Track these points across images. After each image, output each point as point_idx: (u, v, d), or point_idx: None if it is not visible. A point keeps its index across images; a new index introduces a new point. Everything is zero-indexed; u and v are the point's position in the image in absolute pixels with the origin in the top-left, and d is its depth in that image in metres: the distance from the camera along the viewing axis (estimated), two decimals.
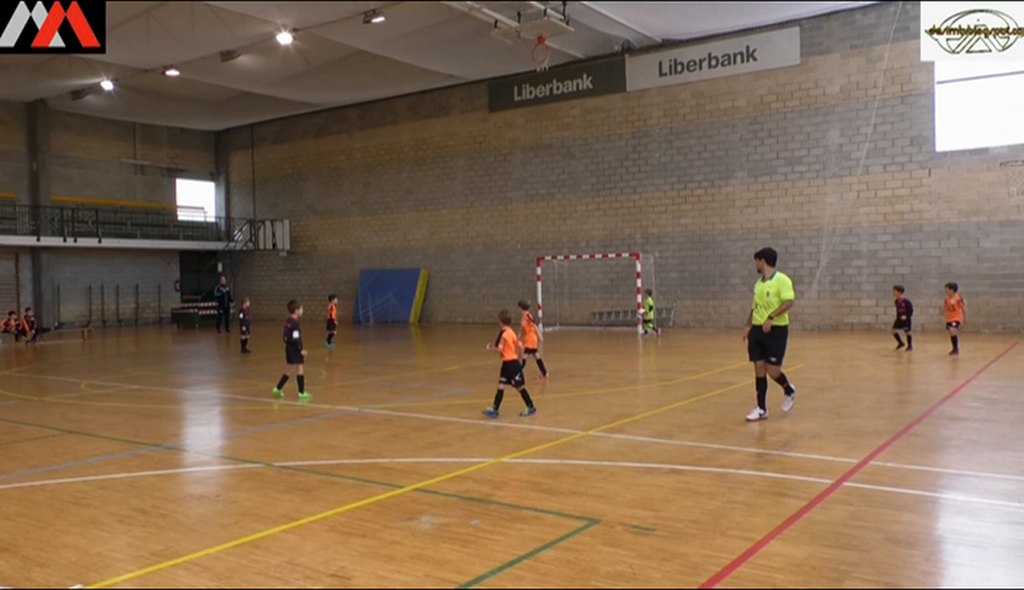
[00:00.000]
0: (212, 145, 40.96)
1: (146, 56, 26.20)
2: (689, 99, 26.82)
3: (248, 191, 40.00)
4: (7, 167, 32.95)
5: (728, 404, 11.00)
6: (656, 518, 5.89)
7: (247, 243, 38.21)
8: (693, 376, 14.21)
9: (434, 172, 33.10)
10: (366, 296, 33.87)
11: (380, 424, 10.12)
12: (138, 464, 8.21)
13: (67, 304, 34.15)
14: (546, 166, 30.08)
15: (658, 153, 27.53)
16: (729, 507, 6.19)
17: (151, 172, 38.36)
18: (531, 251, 29.93)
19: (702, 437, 8.84)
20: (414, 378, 15.22)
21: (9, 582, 4.88)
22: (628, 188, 28.22)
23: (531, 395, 10.65)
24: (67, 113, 34.21)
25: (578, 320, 28.53)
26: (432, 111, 33.05)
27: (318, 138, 37.01)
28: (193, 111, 35.49)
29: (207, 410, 12.42)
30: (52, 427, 10.40)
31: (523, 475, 7.32)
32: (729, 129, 26.14)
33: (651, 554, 5.15)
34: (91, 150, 35.87)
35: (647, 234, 27.79)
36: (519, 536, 5.56)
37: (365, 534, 5.66)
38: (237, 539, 5.62)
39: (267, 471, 7.69)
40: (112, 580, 4.92)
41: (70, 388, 14.55)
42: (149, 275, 37.13)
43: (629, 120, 28.10)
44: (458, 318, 31.98)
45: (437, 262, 33.05)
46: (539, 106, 30.07)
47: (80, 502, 6.71)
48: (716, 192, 26.45)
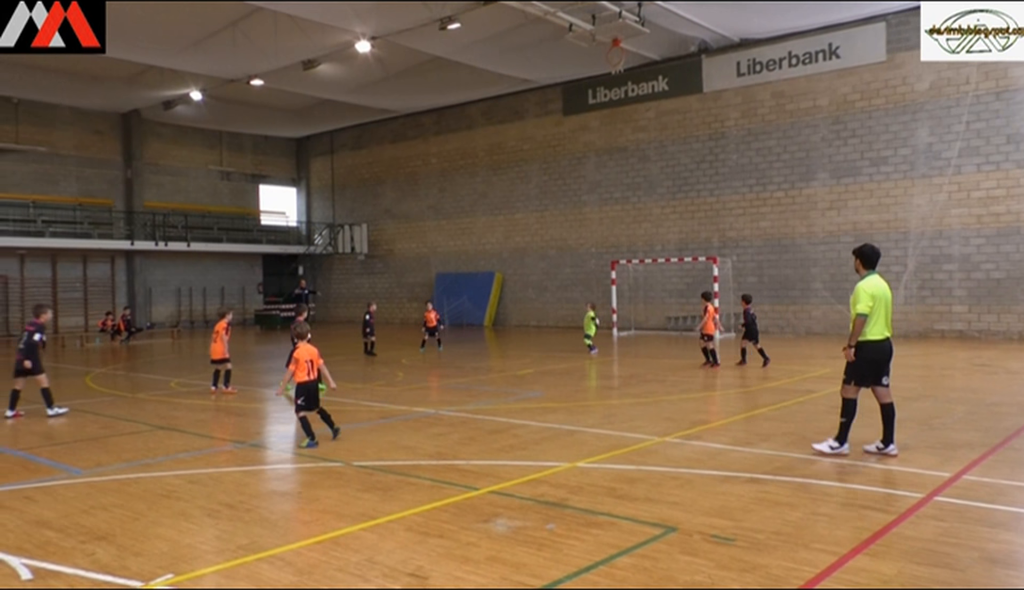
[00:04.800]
0: (293, 152, 42.14)
1: (232, 67, 27.17)
2: (768, 99, 26.24)
3: (328, 196, 40.99)
4: (105, 175, 34.64)
5: (810, 413, 10.70)
6: (736, 528, 5.77)
7: (327, 247, 39.16)
8: (773, 383, 13.87)
9: (508, 176, 33.26)
10: (441, 299, 34.25)
11: (456, 426, 10.22)
12: (224, 460, 8.49)
13: (158, 305, 35.65)
14: (621, 169, 29.87)
15: (736, 155, 27.01)
16: (812, 519, 6.02)
17: (236, 178, 39.73)
18: (605, 255, 29.76)
19: (783, 446, 8.62)
20: (489, 381, 15.31)
21: (106, 569, 5.11)
22: (705, 191, 27.78)
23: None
24: (159, 123, 35.75)
25: (653, 324, 28.21)
26: (507, 116, 33.24)
27: (395, 144, 37.65)
28: (276, 119, 36.62)
29: (288, 409, 12.73)
30: (144, 423, 10.85)
31: (598, 480, 7.27)
32: (810, 129, 25.45)
33: (731, 565, 5.04)
34: (181, 158, 37.39)
35: (724, 237, 27.29)
36: (595, 541, 5.52)
37: (442, 535, 5.72)
38: (318, 536, 5.75)
39: (346, 470, 7.85)
40: (200, 571, 5.10)
41: (161, 386, 15.17)
42: (234, 278, 38.46)
43: (706, 122, 27.67)
44: (532, 322, 32.03)
45: (511, 266, 33.18)
46: (614, 109, 29.89)
47: (171, 495, 6.99)
48: (797, 194, 25.79)
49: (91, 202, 33.97)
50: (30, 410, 11.83)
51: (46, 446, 9.34)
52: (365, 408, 12.02)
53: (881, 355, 8.06)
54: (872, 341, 8.01)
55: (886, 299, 8.08)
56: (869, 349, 8.02)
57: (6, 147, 31.64)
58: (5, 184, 31.56)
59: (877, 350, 8.04)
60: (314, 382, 9.21)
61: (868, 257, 8.25)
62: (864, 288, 7.99)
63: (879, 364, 8.05)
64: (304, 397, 9.11)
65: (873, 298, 7.93)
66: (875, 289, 7.99)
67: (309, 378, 9.14)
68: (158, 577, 4.97)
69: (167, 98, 32.08)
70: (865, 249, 8.32)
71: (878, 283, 8.08)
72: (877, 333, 8.01)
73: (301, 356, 9.13)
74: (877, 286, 8.03)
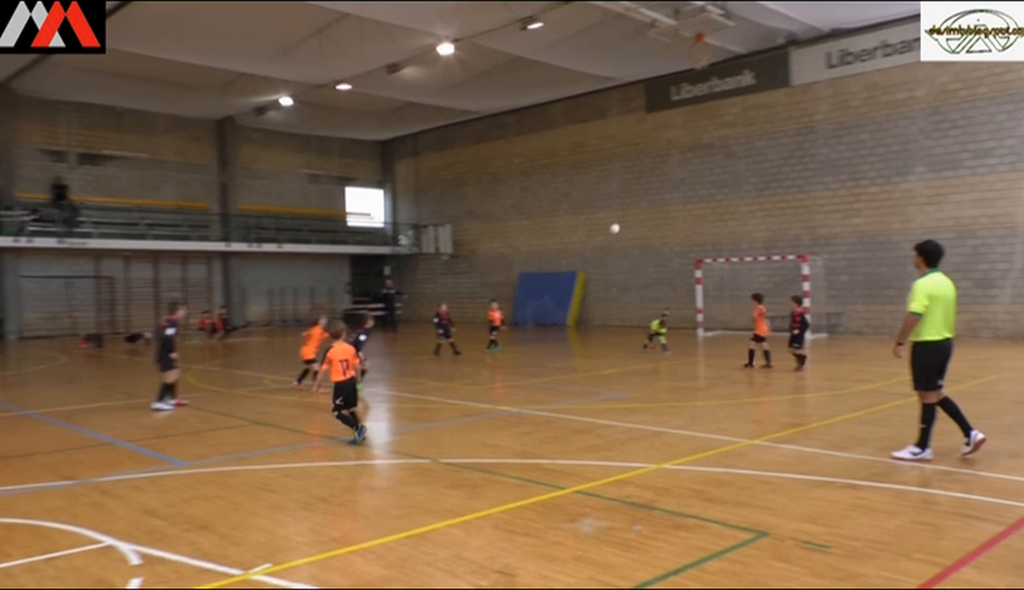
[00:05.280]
0: (379, 154, 43.03)
1: (320, 72, 27.93)
2: (861, 91, 25.30)
3: (412, 197, 41.69)
4: (201, 180, 36.15)
5: (908, 417, 10.24)
6: (830, 535, 5.59)
7: (412, 247, 39.84)
8: (868, 385, 13.38)
9: (591, 175, 33.11)
10: (524, 299, 34.37)
11: (540, 425, 10.24)
12: (318, 455, 8.75)
13: (252, 305, 36.98)
14: (705, 166, 29.34)
15: (826, 149, 26.16)
16: (913, 528, 5.78)
17: (324, 181, 40.84)
18: (690, 254, 29.29)
19: (879, 451, 8.31)
20: (572, 381, 15.28)
21: (209, 557, 5.34)
22: (794, 187, 27.01)
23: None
24: (251, 128, 37.07)
25: (739, 324, 27.58)
26: (588, 114, 33.09)
27: (477, 144, 37.98)
28: (362, 123, 37.48)
29: (376, 406, 13.03)
30: (241, 418, 11.28)
31: (686, 482, 7.17)
32: (907, 121, 24.42)
33: (825, 573, 4.90)
34: (272, 162, 38.69)
35: (814, 235, 26.47)
36: (683, 544, 5.45)
37: (529, 533, 5.75)
38: (408, 530, 5.86)
39: (434, 467, 7.97)
40: (296, 562, 5.28)
41: (255, 382, 15.73)
42: (323, 278, 39.55)
43: (794, 116, 26.89)
44: (615, 321, 31.79)
45: (594, 265, 33.03)
46: (698, 105, 29.37)
47: (267, 488, 7.25)
48: (892, 189, 24.79)
49: (189, 206, 35.51)
50: (138, 404, 12.47)
51: (152, 439, 9.82)
52: (450, 406, 12.18)
53: (939, 356, 7.77)
54: (930, 342, 7.77)
55: (947, 299, 7.79)
56: (926, 350, 7.80)
57: (111, 154, 33.39)
58: (111, 189, 33.31)
59: (935, 351, 7.78)
60: (350, 381, 9.24)
61: (931, 254, 7.97)
62: (922, 286, 7.76)
63: (938, 365, 7.77)
64: (342, 397, 9.17)
65: (930, 297, 7.68)
66: (934, 288, 7.74)
67: (345, 377, 9.16)
68: (256, 566, 5.16)
69: (259, 104, 33.24)
70: (928, 246, 8.04)
71: (939, 282, 7.82)
72: (935, 333, 7.74)
73: (335, 356, 9.15)
74: (938, 285, 7.78)
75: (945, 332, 7.78)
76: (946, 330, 7.79)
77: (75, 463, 8.42)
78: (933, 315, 7.71)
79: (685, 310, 27.72)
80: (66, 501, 6.85)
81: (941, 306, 7.74)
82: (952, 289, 7.91)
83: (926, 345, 7.78)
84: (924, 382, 7.83)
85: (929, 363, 7.78)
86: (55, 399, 13.71)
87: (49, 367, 19.85)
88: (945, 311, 7.77)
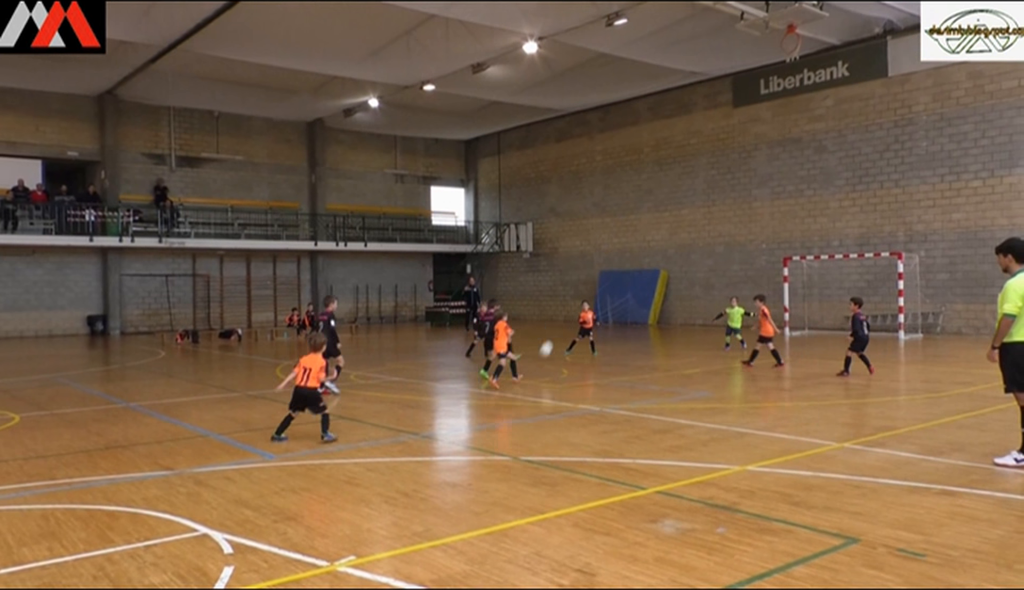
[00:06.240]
0: (462, 153, 43.48)
1: (406, 73, 28.44)
2: (964, 81, 24.12)
3: (495, 196, 41.97)
4: (292, 180, 37.32)
5: (1012, 421, 9.70)
6: (926, 543, 5.35)
7: (493, 245, 40.12)
8: (967, 388, 12.76)
9: (675, 171, 32.63)
10: (605, 297, 34.16)
11: (620, 424, 10.16)
12: (400, 450, 8.91)
13: (339, 302, 37.81)
14: (794, 161, 28.51)
15: (925, 142, 25.05)
16: (1016, 537, 5.48)
17: (409, 181, 41.55)
18: (777, 251, 28.54)
19: (979, 457, 7.90)
20: (653, 380, 15.10)
21: (296, 548, 5.51)
22: (889, 181, 25.97)
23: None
24: (339, 130, 38.04)
25: (829, 324, 26.72)
26: (673, 110, 32.60)
27: (559, 142, 37.93)
28: (446, 122, 37.95)
29: (457, 403, 13.18)
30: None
31: (771, 485, 6.98)
32: (1014, 111, 23.15)
33: (920, 582, 4.69)
34: (359, 162, 39.60)
35: (911, 231, 25.39)
36: (768, 549, 5.31)
37: (609, 532, 5.70)
38: (488, 527, 5.90)
39: (514, 464, 8.00)
40: (380, 555, 5.38)
41: (342, 378, 16.10)
42: (406, 276, 40.25)
43: (891, 107, 25.85)
44: (698, 320, 31.25)
45: (677, 263, 32.55)
46: (787, 98, 28.57)
47: (352, 481, 7.42)
48: (997, 183, 23.55)
49: (280, 206, 36.71)
50: (231, 398, 12.94)
51: (244, 432, 10.19)
52: (531, 404, 12.20)
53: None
54: (1021, 342, 7.40)
55: None
56: (1018, 351, 7.42)
57: (208, 157, 34.83)
58: (207, 190, 34.75)
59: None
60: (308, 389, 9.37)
61: (1021, 251, 7.62)
62: (1015, 287, 7.42)
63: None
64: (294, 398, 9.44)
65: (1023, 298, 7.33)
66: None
67: (303, 384, 9.35)
68: (342, 558, 5.28)
69: (347, 106, 34.08)
70: (1016, 243, 7.69)
71: None
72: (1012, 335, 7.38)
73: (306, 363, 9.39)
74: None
75: None
76: None
77: (172, 454, 8.81)
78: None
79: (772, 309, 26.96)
80: (164, 490, 7.17)
81: None
82: None
83: (1018, 346, 7.44)
84: (1019, 383, 7.47)
85: (1021, 364, 7.42)
86: (154, 392, 14.37)
87: (148, 361, 20.85)
88: None
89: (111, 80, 29.78)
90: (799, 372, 16.20)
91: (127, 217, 30.90)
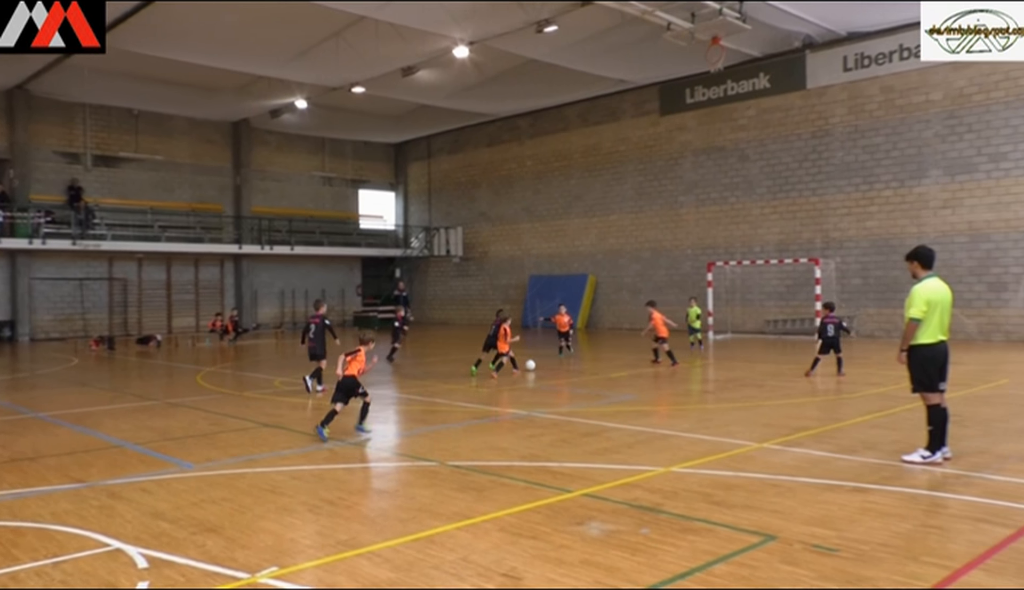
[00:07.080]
0: (392, 157, 43.14)
1: (335, 75, 28.05)
2: (877, 94, 25.17)
3: (425, 200, 41.77)
4: (216, 181, 36.35)
5: (919, 420, 10.15)
6: (839, 538, 5.55)
7: (423, 250, 39.91)
8: (878, 389, 13.29)
9: (603, 178, 33.08)
10: (534, 302, 34.32)
11: (548, 428, 10.22)
12: (325, 458, 8.76)
13: (263, 307, 37.11)
14: (719, 169, 29.25)
15: (841, 152, 26.03)
16: (922, 531, 5.74)
17: (337, 184, 40.98)
18: (702, 256, 29.20)
19: (890, 454, 8.25)
20: (582, 384, 15.25)
21: (216, 560, 5.36)
22: (807, 190, 26.89)
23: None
24: (266, 131, 37.27)
25: (751, 328, 27.49)
26: (602, 117, 33.06)
27: (490, 147, 38.03)
28: (375, 125, 37.60)
29: (385, 409, 13.04)
30: (250, 420, 11.31)
31: (694, 486, 7.13)
32: (922, 125, 24.27)
33: (834, 576, 4.86)
34: (286, 164, 38.86)
35: (827, 238, 26.34)
36: (690, 548, 5.42)
37: (535, 536, 5.73)
38: (414, 533, 5.86)
39: (441, 469, 7.97)
40: (303, 565, 5.28)
41: (266, 384, 15.79)
42: (334, 280, 39.66)
43: (809, 119, 26.78)
44: (625, 324, 31.72)
45: (605, 268, 32.98)
46: (712, 108, 29.30)
47: (275, 490, 7.26)
48: (907, 193, 24.64)
49: (203, 208, 35.70)
50: (148, 407, 12.50)
51: (161, 441, 9.86)
52: (459, 409, 12.18)
53: (936, 359, 7.85)
54: (925, 345, 7.86)
55: (944, 303, 7.88)
56: (922, 353, 7.88)
57: (127, 156, 33.63)
58: (126, 191, 33.53)
59: (931, 354, 7.87)
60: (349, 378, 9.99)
61: (926, 258, 8.10)
62: (920, 293, 7.85)
63: (935, 368, 7.84)
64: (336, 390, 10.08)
65: (928, 303, 7.78)
66: (932, 293, 7.84)
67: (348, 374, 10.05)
68: (263, 569, 5.16)
69: (274, 107, 33.39)
70: (921, 251, 8.20)
71: (936, 287, 7.91)
72: (930, 336, 7.83)
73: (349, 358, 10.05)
74: (935, 290, 7.88)
75: (940, 335, 7.87)
76: (941, 333, 7.88)
77: (84, 466, 8.47)
78: (930, 319, 7.81)
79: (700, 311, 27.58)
80: (74, 504, 6.88)
81: (938, 310, 7.83)
82: (948, 293, 8.01)
83: (922, 349, 7.87)
84: (924, 384, 7.89)
85: (926, 366, 7.86)
86: (65, 401, 13.80)
87: (60, 369, 20.01)
88: (942, 315, 7.86)
89: (22, 74, 28.47)
90: (722, 375, 16.60)
91: (38, 218, 29.56)
